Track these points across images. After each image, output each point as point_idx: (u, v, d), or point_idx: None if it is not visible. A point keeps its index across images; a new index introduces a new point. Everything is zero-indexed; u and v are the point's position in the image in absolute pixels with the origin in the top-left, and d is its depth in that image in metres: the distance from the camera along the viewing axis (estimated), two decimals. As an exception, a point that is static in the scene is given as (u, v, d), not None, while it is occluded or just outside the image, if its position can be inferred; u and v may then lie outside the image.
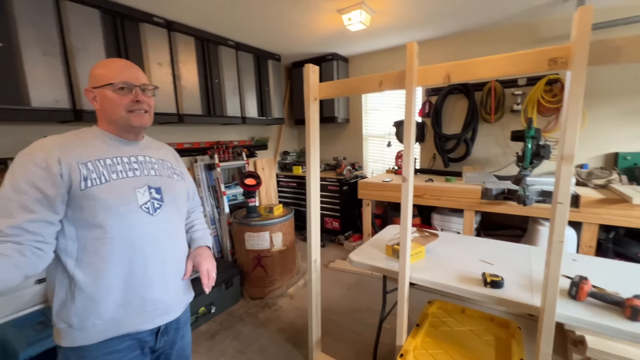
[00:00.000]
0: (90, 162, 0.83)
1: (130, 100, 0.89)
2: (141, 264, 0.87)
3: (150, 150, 1.00)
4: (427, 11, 2.48)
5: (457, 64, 1.17)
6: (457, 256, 1.59)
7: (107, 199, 0.82)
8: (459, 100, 3.15)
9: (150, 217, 0.89)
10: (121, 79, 0.88)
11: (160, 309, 0.92)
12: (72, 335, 0.82)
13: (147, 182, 0.92)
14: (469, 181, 2.62)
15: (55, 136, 0.85)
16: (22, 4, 1.71)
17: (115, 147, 0.91)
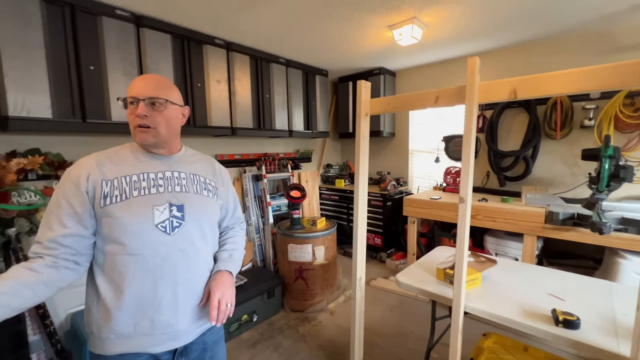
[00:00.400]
0: (117, 179, 0.85)
1: (134, 115, 0.86)
2: (152, 285, 0.85)
3: (184, 165, 0.98)
4: (485, 22, 2.37)
5: (525, 79, 1.09)
6: (519, 286, 1.44)
7: (121, 217, 0.83)
8: (517, 115, 2.92)
9: (167, 236, 0.87)
10: (130, 93, 0.87)
11: (168, 334, 0.88)
12: (94, 343, 0.87)
13: (169, 199, 0.90)
14: (530, 203, 2.39)
15: (96, 153, 0.90)
16: (111, 32, 1.97)
17: (146, 162, 0.92)
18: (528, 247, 2.29)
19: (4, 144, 1.87)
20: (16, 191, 1.81)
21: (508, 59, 2.97)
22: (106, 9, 1.94)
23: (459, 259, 1.24)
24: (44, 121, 1.75)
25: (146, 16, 2.13)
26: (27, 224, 1.83)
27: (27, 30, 1.67)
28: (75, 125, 1.88)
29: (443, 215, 2.73)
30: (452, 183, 3.23)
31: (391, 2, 2.01)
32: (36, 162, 1.87)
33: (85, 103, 1.90)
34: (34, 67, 1.70)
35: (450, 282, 1.45)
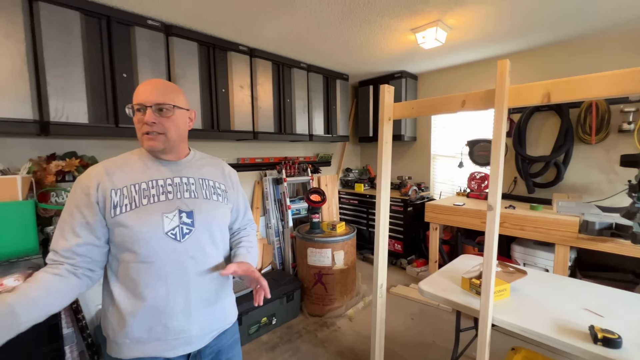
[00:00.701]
0: (126, 187, 0.86)
1: (141, 123, 0.86)
2: (164, 292, 0.86)
3: (192, 169, 0.97)
4: (513, 23, 2.29)
5: (560, 82, 1.04)
6: (551, 300, 1.37)
7: (133, 226, 0.83)
8: (548, 119, 2.79)
9: (177, 243, 0.87)
10: (136, 100, 0.86)
11: (181, 339, 0.89)
12: (111, 346, 0.88)
13: (179, 205, 0.90)
14: (563, 211, 2.27)
15: (105, 161, 0.90)
16: (143, 41, 2.07)
17: (154, 168, 0.91)
18: (560, 257, 2.16)
19: (44, 147, 2.00)
20: (54, 191, 1.93)
21: (538, 60, 2.85)
22: (139, 20, 2.04)
23: (486, 269, 1.19)
24: (80, 126, 1.85)
25: (175, 25, 2.22)
26: (63, 222, 1.94)
27: (68, 41, 1.78)
28: (109, 129, 1.98)
29: (467, 222, 2.65)
30: (476, 189, 3.13)
31: (415, 5, 1.99)
32: (73, 164, 1.99)
33: (117, 109, 2.00)
34: (74, 76, 1.81)
35: (477, 292, 1.39)
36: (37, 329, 1.48)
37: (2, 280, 1.52)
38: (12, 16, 1.60)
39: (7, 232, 1.48)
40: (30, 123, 1.68)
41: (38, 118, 1.72)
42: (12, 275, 1.57)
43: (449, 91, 3.49)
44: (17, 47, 1.62)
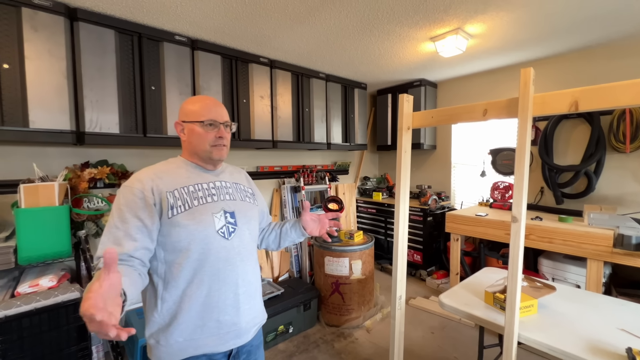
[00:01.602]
0: (177, 190, 0.91)
1: (214, 136, 0.97)
2: (217, 287, 0.91)
3: (225, 175, 1.07)
4: (537, 30, 2.23)
5: (589, 90, 1.00)
6: (583, 318, 1.29)
7: (189, 225, 0.88)
8: (577, 126, 2.67)
9: (226, 241, 0.93)
10: (209, 117, 0.96)
11: (232, 332, 0.94)
12: (159, 352, 0.89)
13: (223, 206, 0.97)
14: (595, 223, 2.15)
15: (149, 168, 0.96)
16: (170, 55, 2.19)
17: (197, 174, 0.99)
18: (593, 273, 2.04)
19: (78, 155, 2.14)
20: (87, 197, 2.05)
21: (563, 66, 2.75)
22: (167, 36, 2.16)
23: (511, 283, 1.14)
24: (112, 136, 1.97)
25: (200, 40, 2.33)
26: (94, 227, 2.04)
27: (103, 57, 1.91)
28: (137, 139, 2.09)
29: (490, 233, 2.55)
30: (500, 199, 3.02)
31: (434, 14, 1.99)
32: (104, 172, 2.10)
33: (146, 119, 2.11)
34: (107, 89, 1.93)
35: (501, 307, 1.34)
36: (67, 329, 1.56)
37: (38, 281, 1.62)
38: (56, 35, 1.74)
39: (45, 235, 1.58)
40: (67, 133, 1.80)
41: (75, 129, 1.84)
42: (47, 276, 1.68)
43: (470, 99, 3.43)
44: (59, 64, 1.75)
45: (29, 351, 1.46)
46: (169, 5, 1.83)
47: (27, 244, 1.54)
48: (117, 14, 1.92)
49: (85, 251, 1.91)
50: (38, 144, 1.95)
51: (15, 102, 1.65)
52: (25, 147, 1.95)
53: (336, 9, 1.91)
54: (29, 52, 1.66)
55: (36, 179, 1.71)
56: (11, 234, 1.66)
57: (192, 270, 0.89)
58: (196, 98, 1.02)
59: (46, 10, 1.71)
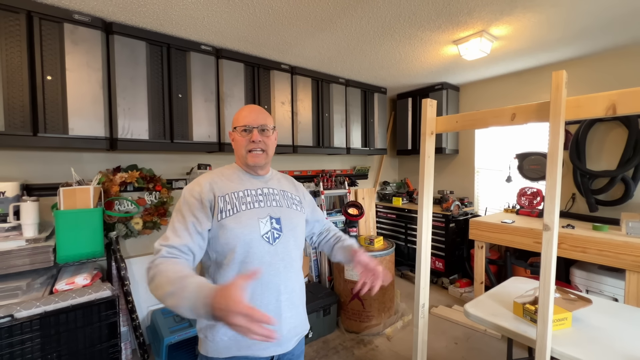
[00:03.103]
0: (228, 195, 0.96)
1: (248, 140, 1.00)
2: (259, 291, 0.92)
3: (274, 182, 1.09)
4: (567, 30, 2.15)
5: (627, 93, 0.95)
6: (622, 334, 1.21)
7: (235, 228, 0.91)
8: (612, 130, 2.53)
9: (270, 246, 0.95)
10: (244, 122, 1.00)
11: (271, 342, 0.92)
12: (207, 346, 0.93)
13: (269, 212, 0.99)
14: (634, 233, 2.01)
15: (209, 173, 1.02)
16: (196, 64, 2.28)
17: (247, 180, 1.03)
18: (633, 286, 1.91)
19: (110, 160, 2.25)
20: (118, 200, 2.15)
21: (596, 67, 2.62)
22: (194, 46, 2.25)
23: (543, 294, 1.09)
24: (142, 142, 2.06)
25: (225, 49, 2.41)
26: (124, 228, 2.14)
27: (135, 67, 2.02)
28: (165, 145, 2.18)
29: (517, 241, 2.45)
30: (527, 205, 2.90)
31: (458, 17, 1.96)
32: (134, 176, 2.21)
33: (173, 126, 2.19)
34: (138, 97, 2.04)
35: (531, 319, 1.28)
36: (99, 326, 1.64)
37: (74, 279, 1.72)
38: (93, 48, 1.86)
39: (81, 235, 1.67)
40: (102, 140, 1.91)
41: (108, 135, 1.95)
42: (81, 274, 1.77)
43: (494, 102, 3.33)
44: (96, 75, 1.87)
45: (65, 346, 1.55)
46: (196, 16, 1.91)
47: (65, 243, 1.63)
48: (148, 26, 2.02)
49: (116, 251, 2.00)
50: (75, 149, 2.08)
51: (57, 111, 1.77)
52: (64, 152, 2.08)
53: (357, 15, 1.92)
54: (69, 64, 1.79)
55: (74, 183, 1.82)
56: (50, 234, 1.77)
57: (236, 272, 0.92)
58: (241, 107, 1.08)
59: (85, 25, 1.83)
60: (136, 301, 2.17)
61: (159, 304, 2.35)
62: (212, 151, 2.49)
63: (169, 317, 2.19)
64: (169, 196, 2.38)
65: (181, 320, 2.15)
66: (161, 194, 2.35)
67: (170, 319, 2.17)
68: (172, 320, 2.16)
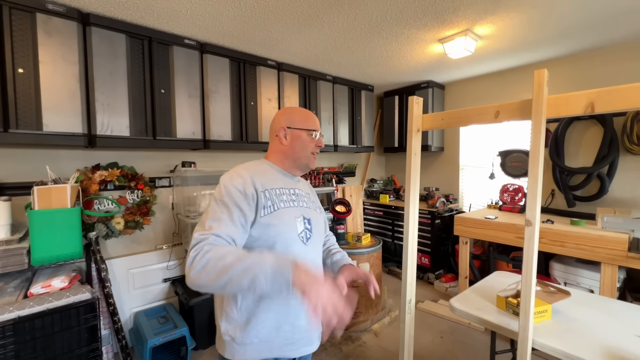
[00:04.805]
0: (267, 191, 0.93)
1: (315, 144, 1.02)
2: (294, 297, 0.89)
3: (301, 185, 1.09)
4: (548, 30, 2.21)
5: (605, 92, 0.98)
6: (599, 324, 1.26)
7: (277, 225, 0.90)
8: (589, 128, 2.63)
9: (304, 246, 0.95)
10: (315, 126, 1.03)
11: (305, 339, 0.94)
12: (233, 349, 0.89)
13: (302, 212, 0.99)
14: (609, 227, 2.10)
15: (244, 165, 0.97)
16: (180, 59, 2.21)
17: (281, 178, 1.01)
18: (607, 278, 1.99)
19: (89, 158, 2.16)
20: (97, 199, 2.07)
21: (576, 66, 2.71)
22: (177, 40, 2.19)
23: (525, 288, 1.12)
24: (123, 139, 1.99)
25: (209, 43, 2.35)
26: (104, 228, 2.07)
27: (115, 60, 1.94)
28: (147, 142, 2.11)
29: (500, 236, 2.52)
30: (509, 202, 2.98)
31: (443, 16, 1.98)
32: (114, 174, 2.13)
33: (156, 122, 2.13)
34: (118, 93, 1.96)
35: (514, 312, 1.31)
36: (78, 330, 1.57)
37: (50, 282, 1.64)
38: (69, 40, 1.78)
39: (57, 236, 1.60)
40: (80, 136, 1.83)
41: (86, 132, 1.87)
42: (59, 277, 1.70)
43: (478, 100, 3.39)
44: (72, 68, 1.79)
45: (41, 352, 1.48)
46: (178, 9, 1.85)
47: (40, 245, 1.56)
48: (128, 18, 1.95)
49: (96, 252, 1.93)
50: (51, 146, 1.98)
51: (29, 106, 1.68)
52: (39, 149, 1.98)
53: (344, 12, 1.91)
54: (43, 56, 1.70)
55: (49, 181, 1.73)
56: (24, 235, 1.69)
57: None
58: (301, 109, 1.06)
59: (60, 15, 1.74)
60: (118, 303, 2.11)
61: (142, 305, 2.29)
62: (197, 148, 2.43)
63: (153, 319, 2.14)
64: (152, 195, 2.31)
65: (166, 321, 2.11)
66: (144, 192, 2.28)
67: (154, 321, 2.12)
68: (156, 322, 2.11)
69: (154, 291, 2.38)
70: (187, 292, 2.20)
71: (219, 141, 2.43)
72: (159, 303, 2.38)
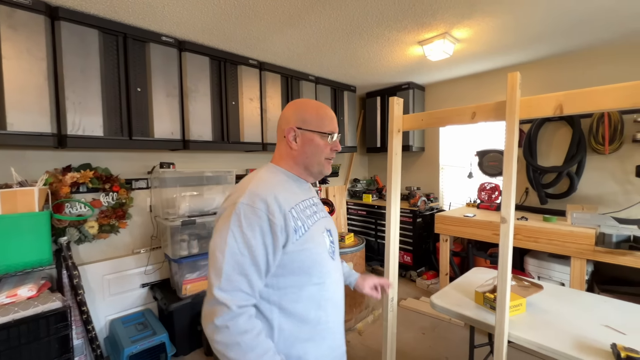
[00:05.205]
0: (294, 209, 0.79)
1: (331, 148, 0.88)
2: (332, 311, 0.84)
3: (312, 190, 0.98)
4: (522, 35, 2.30)
5: (573, 94, 1.03)
6: (569, 316, 1.32)
7: (311, 248, 0.79)
8: (559, 129, 2.76)
9: (332, 262, 0.86)
10: (331, 128, 0.87)
11: (339, 357, 0.89)
12: None
13: (325, 225, 0.88)
14: (578, 222, 2.22)
15: (262, 180, 0.80)
16: (157, 57, 2.14)
17: (299, 188, 0.88)
18: (576, 271, 2.10)
19: (59, 159, 2.06)
20: (69, 203, 1.97)
21: (549, 70, 2.84)
22: (154, 36, 2.12)
23: (501, 283, 1.16)
24: (96, 139, 1.90)
25: (188, 41, 2.29)
26: (76, 233, 1.97)
27: (86, 57, 1.85)
28: (122, 142, 2.03)
29: (478, 233, 2.60)
30: (487, 200, 3.08)
31: (422, 19, 2.02)
32: (87, 176, 2.04)
33: (132, 122, 2.05)
34: (91, 91, 1.87)
35: (491, 307, 1.36)
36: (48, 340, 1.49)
37: (16, 291, 1.55)
38: (36, 35, 1.68)
39: (24, 242, 1.51)
40: (48, 136, 1.73)
41: (56, 131, 1.77)
42: (26, 285, 1.60)
43: (457, 102, 3.49)
44: (39, 64, 1.69)
45: (6, 365, 1.39)
46: (154, 5, 1.79)
47: (4, 252, 1.47)
48: (100, 13, 1.87)
49: (67, 258, 1.84)
50: (16, 147, 1.87)
51: (-8, 104, 1.58)
52: (3, 150, 1.86)
53: (326, 12, 1.91)
54: (6, 51, 1.60)
55: (14, 184, 1.63)
56: (-13, 242, 1.58)
57: (312, 295, 0.80)
58: (313, 104, 0.89)
59: (25, 8, 1.64)
60: (92, 311, 2.01)
61: (119, 312, 2.20)
62: (176, 149, 2.36)
63: (130, 326, 2.06)
64: (128, 197, 2.23)
65: (144, 328, 2.03)
66: (119, 194, 2.20)
67: (132, 328, 2.04)
68: (133, 329, 2.04)
69: (131, 297, 2.29)
70: (167, 297, 2.13)
71: (199, 141, 2.37)
72: (136, 309, 2.29)
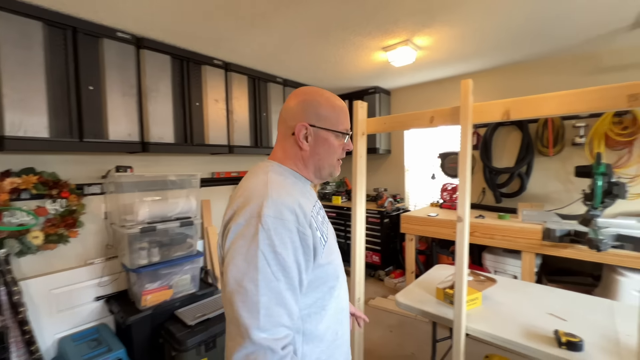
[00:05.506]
0: (312, 217, 0.70)
1: (344, 148, 0.82)
2: (345, 320, 0.81)
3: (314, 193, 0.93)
4: (477, 44, 2.45)
5: (518, 101, 1.12)
6: (519, 306, 1.43)
7: (334, 260, 0.74)
8: (510, 133, 2.98)
9: (342, 272, 0.82)
10: (346, 126, 0.81)
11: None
12: None
13: (332, 231, 0.84)
14: (527, 219, 2.40)
15: (282, 188, 0.69)
16: (111, 53, 2.01)
17: (308, 192, 0.81)
18: (527, 264, 2.27)
19: (-2, 163, 1.85)
20: (8, 211, 1.78)
21: (502, 78, 3.06)
22: (107, 32, 1.99)
23: (458, 279, 1.22)
24: (40, 140, 1.74)
25: (147, 38, 2.17)
26: (17, 244, 1.79)
27: (28, 51, 1.69)
28: (72, 144, 1.87)
29: (441, 232, 2.73)
30: (448, 200, 3.24)
31: (385, 25, 2.08)
32: (30, 181, 1.85)
33: (83, 122, 1.90)
34: (34, 87, 1.71)
35: (451, 302, 1.42)
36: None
37: (-59, 312, 1.36)
38: (-35, 25, 1.50)
39: (-51, 257, 1.34)
40: (-19, 138, 1.55)
41: (-9, 132, 1.60)
42: (-47, 305, 1.42)
43: (420, 106, 3.65)
44: (-31, 57, 1.51)
45: None
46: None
47: None
48: (45, 4, 1.71)
49: (5, 273, 1.66)
50: (-58, 149, 1.66)
51: None
52: None
53: (290, 14, 1.91)
54: None
55: (-62, 191, 1.44)
56: None
57: (331, 309, 0.73)
58: (327, 95, 0.79)
59: (-48, -6, 1.47)
60: (37, 330, 1.83)
61: (69, 330, 2.03)
62: (134, 152, 2.23)
63: (82, 344, 1.90)
64: (79, 203, 2.06)
65: (97, 345, 1.89)
66: (69, 201, 2.02)
67: (84, 346, 1.89)
68: (85, 346, 1.88)
69: (84, 312, 2.11)
70: (124, 310, 1.99)
71: (160, 143, 2.25)
72: (90, 325, 2.12)
